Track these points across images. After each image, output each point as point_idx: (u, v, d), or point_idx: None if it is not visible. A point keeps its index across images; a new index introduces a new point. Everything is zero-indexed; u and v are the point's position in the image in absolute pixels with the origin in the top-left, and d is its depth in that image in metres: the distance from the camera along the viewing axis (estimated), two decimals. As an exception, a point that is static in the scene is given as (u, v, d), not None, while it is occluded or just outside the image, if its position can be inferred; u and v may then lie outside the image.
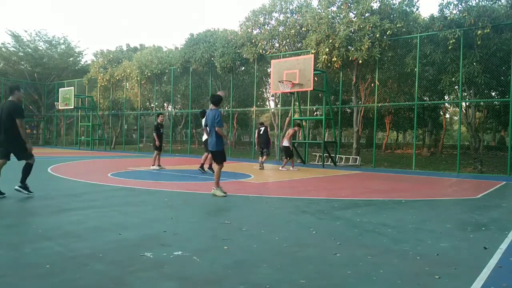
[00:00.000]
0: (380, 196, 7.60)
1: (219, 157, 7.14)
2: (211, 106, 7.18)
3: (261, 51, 19.04)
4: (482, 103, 17.87)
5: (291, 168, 13.30)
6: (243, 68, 22.50)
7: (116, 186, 8.00)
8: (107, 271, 3.07)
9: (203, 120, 9.83)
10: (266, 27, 19.68)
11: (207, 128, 7.21)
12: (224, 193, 6.92)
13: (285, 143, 13.32)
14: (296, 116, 18.39)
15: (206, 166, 11.17)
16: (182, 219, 5.06)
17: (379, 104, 17.05)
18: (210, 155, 11.62)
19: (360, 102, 17.74)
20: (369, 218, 5.29)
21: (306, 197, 7.23)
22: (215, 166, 7.29)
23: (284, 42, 18.98)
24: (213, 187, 7.03)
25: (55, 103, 28.56)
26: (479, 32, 13.02)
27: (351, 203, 6.63)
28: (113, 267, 3.16)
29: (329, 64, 15.58)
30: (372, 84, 17.30)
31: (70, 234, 4.15)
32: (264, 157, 13.36)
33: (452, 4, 13.99)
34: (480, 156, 15.48)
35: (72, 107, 26.50)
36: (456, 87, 14.76)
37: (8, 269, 3.06)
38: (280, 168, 13.24)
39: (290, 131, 13.71)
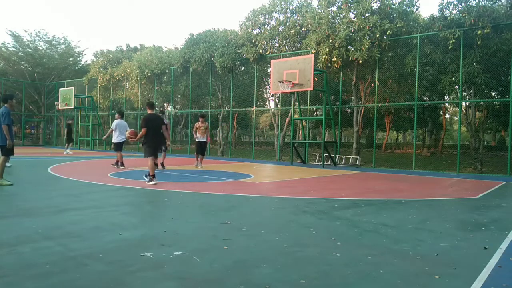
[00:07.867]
0: (380, 196, 7.60)
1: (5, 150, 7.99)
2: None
3: (261, 51, 19.03)
4: (482, 103, 17.84)
5: None
6: (243, 68, 22.47)
7: (116, 186, 8.00)
8: (107, 271, 3.07)
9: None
10: (266, 27, 19.67)
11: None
12: (9, 181, 7.74)
13: None
14: (296, 116, 18.38)
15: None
16: (182, 219, 5.07)
17: (379, 104, 17.04)
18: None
19: (360, 102, 17.73)
20: (369, 218, 5.29)
21: (306, 197, 7.23)
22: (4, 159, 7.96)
23: (284, 42, 18.96)
24: None
25: (55, 103, 28.51)
26: (479, 32, 13.01)
27: (351, 203, 6.63)
28: (113, 267, 3.16)
29: (329, 64, 15.57)
30: (372, 84, 17.29)
31: (70, 234, 4.15)
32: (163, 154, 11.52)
33: (452, 4, 13.98)
34: (480, 156, 15.47)
35: (72, 107, 26.48)
36: (456, 87, 14.74)
37: (8, 269, 3.06)
38: None
39: None
